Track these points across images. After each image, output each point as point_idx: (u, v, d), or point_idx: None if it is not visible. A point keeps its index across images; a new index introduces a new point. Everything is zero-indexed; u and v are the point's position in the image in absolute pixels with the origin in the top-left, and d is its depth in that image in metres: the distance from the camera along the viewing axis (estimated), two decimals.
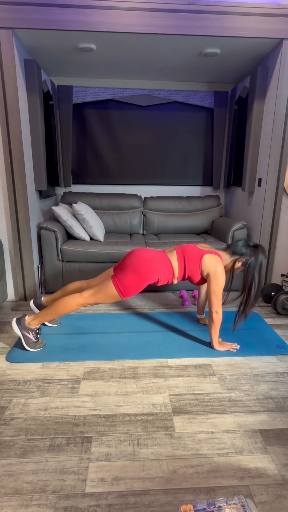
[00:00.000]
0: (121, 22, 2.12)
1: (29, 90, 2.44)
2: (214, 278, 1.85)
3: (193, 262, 1.89)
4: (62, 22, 2.10)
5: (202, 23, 2.15)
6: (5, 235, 2.51)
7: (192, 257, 1.90)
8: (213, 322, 1.90)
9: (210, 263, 1.86)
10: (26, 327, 1.90)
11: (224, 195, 3.66)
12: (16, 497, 1.08)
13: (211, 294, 1.87)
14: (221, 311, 1.90)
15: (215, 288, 1.85)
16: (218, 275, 1.85)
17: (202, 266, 1.88)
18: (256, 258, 1.86)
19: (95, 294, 1.85)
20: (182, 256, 1.92)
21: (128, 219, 3.27)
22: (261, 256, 1.87)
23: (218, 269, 1.85)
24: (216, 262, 1.87)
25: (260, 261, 1.87)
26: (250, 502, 0.96)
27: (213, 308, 1.88)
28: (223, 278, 1.86)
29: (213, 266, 1.86)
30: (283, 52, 2.28)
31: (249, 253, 1.88)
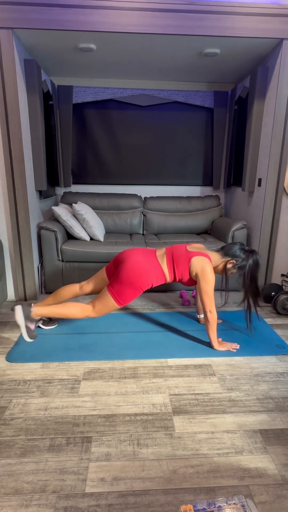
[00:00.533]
0: (121, 22, 2.12)
1: (29, 90, 2.44)
2: (203, 278, 1.88)
3: (181, 266, 1.94)
4: (62, 22, 2.10)
5: (202, 23, 2.15)
6: (5, 235, 2.51)
7: (180, 260, 1.94)
8: (209, 321, 1.90)
9: (197, 264, 1.91)
10: (30, 317, 1.92)
11: (224, 195, 3.66)
12: (16, 497, 1.08)
13: (202, 294, 1.90)
14: (215, 310, 1.92)
15: (205, 287, 1.88)
16: (207, 274, 1.88)
17: (190, 268, 1.93)
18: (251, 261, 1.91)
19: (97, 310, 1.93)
20: (171, 260, 1.96)
21: (128, 219, 3.27)
22: (256, 260, 1.92)
23: (206, 268, 1.88)
24: (203, 262, 1.90)
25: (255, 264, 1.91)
26: (250, 502, 0.96)
27: (206, 307, 1.90)
28: (212, 277, 1.89)
29: (200, 266, 1.89)
30: (283, 52, 2.28)
31: (243, 257, 1.93)
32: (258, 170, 2.71)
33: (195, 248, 2.01)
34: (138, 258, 1.92)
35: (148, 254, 1.97)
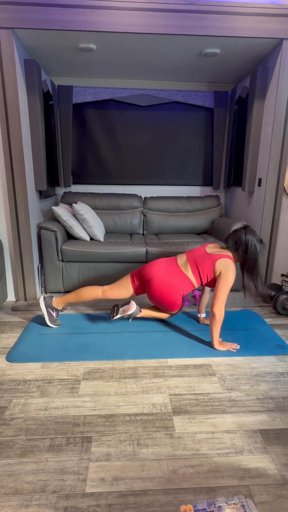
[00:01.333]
0: (121, 22, 2.12)
1: (29, 90, 2.44)
2: (225, 275, 1.91)
3: (206, 270, 1.98)
4: (62, 22, 2.10)
5: (202, 23, 2.15)
6: (5, 235, 2.51)
7: (205, 265, 1.98)
8: (215, 319, 1.90)
9: (222, 264, 1.94)
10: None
11: (224, 195, 3.66)
12: (16, 497, 1.08)
13: (218, 290, 1.90)
14: (223, 309, 1.92)
15: (223, 285, 1.90)
16: (229, 271, 1.91)
17: (215, 268, 1.96)
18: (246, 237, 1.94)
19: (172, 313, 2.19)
20: (196, 267, 2.00)
21: (128, 219, 3.27)
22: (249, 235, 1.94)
23: (230, 268, 1.92)
24: (228, 263, 1.94)
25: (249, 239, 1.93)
26: (250, 502, 0.96)
27: (216, 305, 1.89)
28: (233, 278, 1.92)
29: (225, 265, 1.93)
30: (283, 52, 2.28)
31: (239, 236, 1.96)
32: (258, 170, 2.71)
33: (213, 248, 2.05)
34: (162, 275, 2.01)
35: (170, 266, 2.04)
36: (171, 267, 2.04)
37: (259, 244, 1.96)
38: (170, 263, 2.06)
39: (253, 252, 1.93)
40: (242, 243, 1.94)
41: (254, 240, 1.93)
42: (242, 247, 1.94)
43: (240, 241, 1.95)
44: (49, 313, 2.17)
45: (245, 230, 1.96)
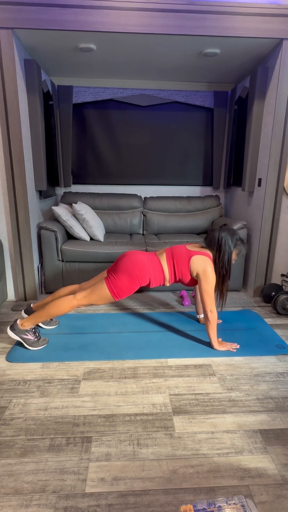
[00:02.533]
0: (121, 22, 2.12)
1: (29, 90, 2.44)
2: (204, 277, 1.88)
3: (182, 264, 1.92)
4: (62, 22, 2.10)
5: (202, 23, 2.15)
6: (5, 235, 2.51)
7: (180, 259, 1.92)
8: (209, 321, 1.90)
9: (198, 263, 1.89)
10: (21, 330, 1.91)
11: (224, 195, 3.66)
12: (16, 497, 1.08)
13: (203, 294, 1.89)
14: (215, 310, 1.91)
15: (206, 287, 1.88)
16: (208, 273, 1.87)
17: (191, 267, 1.91)
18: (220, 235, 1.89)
19: (88, 296, 1.87)
20: (171, 258, 1.94)
21: (128, 219, 3.27)
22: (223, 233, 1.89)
23: (208, 268, 1.88)
24: (205, 261, 1.89)
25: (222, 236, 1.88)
26: (250, 502, 0.96)
27: (207, 307, 1.89)
28: (213, 277, 1.88)
29: (202, 265, 1.88)
30: (283, 52, 2.28)
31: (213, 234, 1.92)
32: (258, 170, 2.71)
33: (194, 247, 2.00)
34: (139, 254, 1.93)
35: (149, 254, 1.98)
36: (148, 253, 1.97)
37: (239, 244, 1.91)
38: (148, 252, 2.00)
39: (226, 251, 1.87)
40: (215, 241, 1.90)
41: (228, 238, 1.88)
42: (215, 245, 1.90)
43: (213, 239, 1.91)
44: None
45: (220, 228, 1.92)
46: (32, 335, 1.93)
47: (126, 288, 1.86)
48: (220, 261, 1.89)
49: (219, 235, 1.89)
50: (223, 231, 1.91)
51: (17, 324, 1.93)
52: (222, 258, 1.89)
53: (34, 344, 1.93)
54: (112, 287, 1.85)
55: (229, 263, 1.90)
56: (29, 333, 1.92)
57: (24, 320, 1.93)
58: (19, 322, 1.93)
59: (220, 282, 1.93)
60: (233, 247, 1.89)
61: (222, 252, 1.88)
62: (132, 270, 1.85)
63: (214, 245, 1.91)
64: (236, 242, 1.91)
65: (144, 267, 1.87)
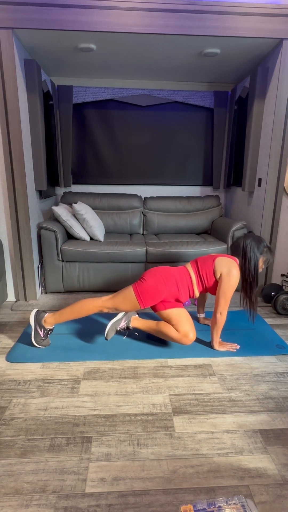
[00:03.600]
0: (121, 22, 2.12)
1: (29, 90, 2.44)
2: (227, 279, 1.82)
3: (206, 266, 1.89)
4: (62, 22, 2.10)
5: (202, 23, 2.15)
6: (5, 235, 2.51)
7: (205, 261, 1.92)
8: (217, 323, 1.89)
9: (223, 264, 1.85)
10: (41, 323, 1.93)
11: (224, 195, 3.66)
12: (16, 497, 1.08)
13: (220, 295, 1.84)
14: (226, 313, 1.88)
15: (226, 289, 1.83)
16: (232, 276, 1.82)
17: (215, 268, 1.86)
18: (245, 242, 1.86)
19: (113, 298, 1.86)
20: (195, 263, 1.94)
21: (128, 219, 3.27)
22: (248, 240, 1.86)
23: (233, 271, 1.83)
24: (230, 263, 1.85)
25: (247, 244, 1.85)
26: (250, 502, 0.96)
27: (218, 309, 1.87)
28: (236, 281, 1.83)
29: (227, 266, 1.84)
30: (283, 52, 2.28)
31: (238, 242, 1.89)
32: (258, 170, 2.71)
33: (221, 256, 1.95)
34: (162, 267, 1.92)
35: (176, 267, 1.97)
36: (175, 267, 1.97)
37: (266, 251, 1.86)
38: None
39: (252, 257, 1.83)
40: (240, 247, 1.86)
41: (253, 245, 1.84)
42: (240, 251, 1.87)
43: (238, 246, 1.88)
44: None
45: (245, 236, 1.89)
46: (43, 333, 1.94)
47: (153, 294, 1.81)
48: (246, 268, 1.84)
49: (244, 242, 1.86)
50: (247, 238, 1.87)
51: (43, 315, 1.93)
52: (248, 265, 1.84)
53: (39, 341, 1.94)
54: (138, 291, 1.82)
55: (256, 270, 1.84)
56: (44, 330, 1.94)
57: (49, 315, 1.93)
58: (46, 316, 1.93)
59: (248, 290, 1.87)
60: (259, 254, 1.84)
61: (248, 258, 1.84)
62: (159, 276, 1.83)
63: (239, 252, 1.87)
64: (263, 249, 1.85)
65: (171, 275, 1.86)
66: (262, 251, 1.85)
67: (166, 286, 1.83)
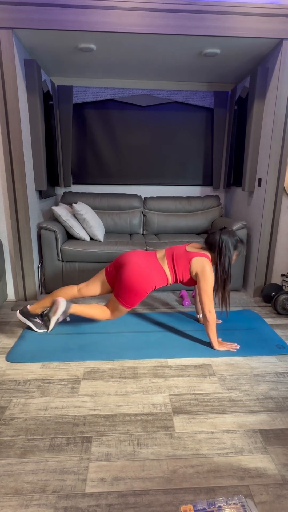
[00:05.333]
0: (121, 22, 2.12)
1: (29, 90, 2.44)
2: (203, 277, 1.89)
3: (182, 266, 1.95)
4: (62, 22, 2.10)
5: (202, 23, 2.15)
6: (5, 235, 2.51)
7: (180, 261, 1.95)
8: (208, 321, 1.90)
9: (197, 264, 1.91)
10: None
11: (224, 195, 3.66)
12: (16, 497, 1.08)
13: (201, 294, 1.90)
14: (214, 310, 1.91)
15: (205, 287, 1.89)
16: (206, 273, 1.89)
17: (191, 268, 1.93)
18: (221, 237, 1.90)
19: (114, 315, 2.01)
20: (172, 261, 1.97)
21: (128, 219, 3.27)
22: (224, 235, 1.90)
23: (206, 268, 1.89)
24: (204, 262, 1.91)
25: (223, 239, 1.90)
26: (250, 502, 0.96)
27: (205, 307, 1.89)
28: (212, 277, 1.90)
29: (201, 265, 1.90)
30: (283, 52, 2.28)
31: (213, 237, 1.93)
32: (258, 170, 2.71)
33: (193, 247, 2.01)
34: (139, 261, 1.92)
35: (148, 256, 1.98)
36: (149, 256, 1.98)
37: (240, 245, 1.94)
38: (148, 253, 2.00)
39: (227, 254, 1.89)
40: (216, 244, 1.91)
41: (228, 241, 1.89)
42: (215, 248, 1.92)
43: (214, 243, 1.92)
44: (33, 322, 2.11)
45: (221, 231, 1.93)
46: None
47: (137, 299, 1.94)
48: (221, 265, 1.91)
49: (220, 239, 1.90)
50: (223, 234, 1.91)
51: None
52: (222, 261, 1.90)
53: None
54: (124, 303, 1.94)
55: (230, 266, 1.91)
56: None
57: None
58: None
59: (222, 286, 1.94)
60: (233, 249, 1.91)
61: (223, 255, 1.90)
62: (138, 284, 1.89)
63: (214, 248, 1.93)
64: (236, 243, 1.92)
65: (147, 277, 1.90)
66: (235, 246, 1.93)
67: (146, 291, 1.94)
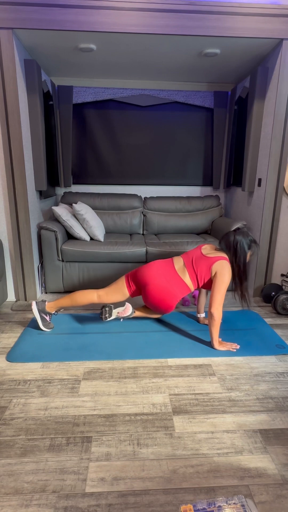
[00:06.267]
0: (121, 22, 2.12)
1: (29, 90, 2.44)
2: (221, 276, 1.91)
3: (203, 272, 1.98)
4: (62, 22, 2.10)
5: (202, 23, 2.15)
6: (5, 235, 2.51)
7: (202, 269, 1.98)
8: (214, 320, 1.90)
9: (218, 266, 1.94)
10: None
11: (224, 195, 3.66)
12: (16, 497, 1.08)
13: (215, 291, 1.90)
14: (221, 310, 1.91)
15: (220, 286, 1.90)
16: (225, 272, 1.91)
17: (212, 271, 1.96)
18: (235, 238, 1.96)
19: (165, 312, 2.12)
20: (193, 270, 2.00)
21: (128, 219, 3.27)
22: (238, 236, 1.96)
23: (225, 269, 1.92)
24: (223, 263, 1.94)
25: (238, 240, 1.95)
26: (250, 502, 0.96)
27: (214, 305, 1.89)
28: (229, 277, 1.92)
29: (221, 266, 1.93)
30: (283, 52, 2.28)
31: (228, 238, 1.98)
32: (258, 170, 2.71)
33: (209, 250, 2.06)
34: (159, 280, 1.99)
35: (167, 271, 2.02)
36: (168, 271, 2.01)
37: (253, 245, 1.97)
38: (166, 267, 2.04)
39: (242, 254, 1.94)
40: (231, 245, 1.96)
41: (243, 241, 1.95)
42: (231, 249, 1.96)
43: (229, 243, 1.97)
44: (42, 318, 2.14)
45: (235, 232, 1.98)
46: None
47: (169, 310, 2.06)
48: (237, 264, 1.95)
49: (235, 239, 1.95)
50: (238, 234, 1.96)
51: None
52: (238, 261, 1.95)
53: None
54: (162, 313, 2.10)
55: (245, 265, 1.96)
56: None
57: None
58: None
59: (239, 284, 1.98)
60: (247, 249, 1.95)
61: (238, 255, 1.94)
62: (163, 303, 2.00)
63: (229, 248, 1.97)
64: (250, 244, 1.97)
65: (170, 294, 1.99)
66: (250, 246, 1.97)
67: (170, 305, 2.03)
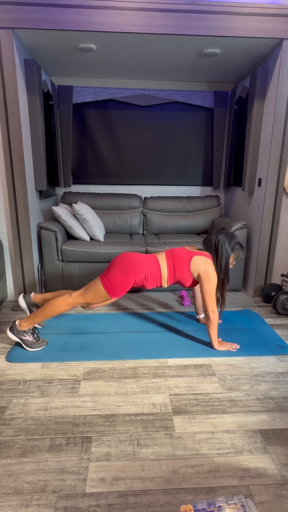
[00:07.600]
0: (121, 22, 2.12)
1: (29, 90, 2.44)
2: (206, 278, 1.86)
3: (182, 265, 1.89)
4: (62, 22, 2.10)
5: (202, 23, 2.15)
6: (5, 235, 2.51)
7: (181, 259, 1.89)
8: (211, 321, 1.90)
9: (200, 264, 1.87)
10: (19, 331, 1.92)
11: (224, 195, 3.66)
12: (16, 497, 1.08)
13: (204, 295, 1.88)
14: (217, 310, 1.91)
15: (208, 288, 1.86)
16: (209, 274, 1.86)
17: (192, 268, 1.88)
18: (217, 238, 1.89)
19: (83, 293, 1.88)
20: (171, 258, 1.91)
21: (128, 219, 3.27)
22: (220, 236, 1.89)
23: (209, 269, 1.86)
24: (206, 262, 1.87)
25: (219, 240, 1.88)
26: (250, 502, 0.96)
27: (208, 308, 1.89)
28: (215, 278, 1.87)
29: (204, 266, 1.86)
30: (283, 52, 2.28)
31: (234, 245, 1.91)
32: (258, 170, 2.71)
33: (192, 248, 1.99)
34: (135, 253, 1.91)
35: (146, 254, 1.96)
36: (145, 254, 1.95)
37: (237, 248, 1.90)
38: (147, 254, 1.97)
39: (224, 255, 1.87)
40: (213, 244, 1.89)
41: (225, 242, 1.87)
42: (213, 248, 1.90)
43: (210, 242, 1.91)
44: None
45: (218, 232, 1.91)
46: (30, 336, 1.93)
47: (121, 284, 1.83)
48: (217, 264, 1.89)
49: (216, 238, 1.89)
50: (220, 234, 1.90)
51: (15, 325, 1.93)
52: (219, 261, 1.88)
53: (33, 345, 1.93)
54: (106, 283, 1.83)
55: (226, 266, 1.89)
56: (28, 334, 1.93)
57: (22, 320, 1.93)
58: (18, 323, 1.93)
59: (220, 286, 1.93)
60: (230, 251, 1.88)
61: (219, 255, 1.88)
62: (126, 265, 1.83)
63: (211, 248, 1.91)
64: (234, 246, 1.89)
65: (138, 263, 1.85)
66: (233, 248, 1.90)
67: (134, 277, 1.84)
